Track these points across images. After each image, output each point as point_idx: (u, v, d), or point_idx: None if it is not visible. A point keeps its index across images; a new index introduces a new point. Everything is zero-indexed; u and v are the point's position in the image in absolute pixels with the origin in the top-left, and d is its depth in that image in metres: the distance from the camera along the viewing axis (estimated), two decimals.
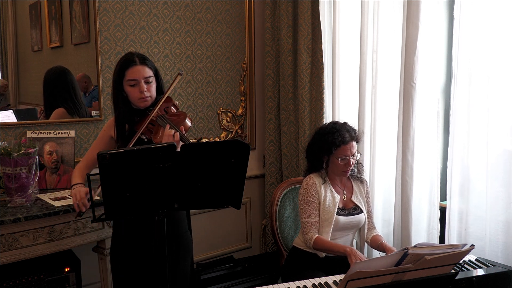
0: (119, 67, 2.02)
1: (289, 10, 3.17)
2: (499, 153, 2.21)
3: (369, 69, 2.74)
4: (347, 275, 1.43)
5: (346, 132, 2.29)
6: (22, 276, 2.28)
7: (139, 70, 1.98)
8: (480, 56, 2.25)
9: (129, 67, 1.98)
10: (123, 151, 1.55)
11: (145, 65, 2.00)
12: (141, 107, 2.04)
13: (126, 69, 1.99)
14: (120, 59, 2.05)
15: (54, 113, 2.71)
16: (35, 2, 2.70)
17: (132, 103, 2.05)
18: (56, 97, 2.73)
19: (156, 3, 2.98)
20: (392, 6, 2.63)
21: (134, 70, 1.98)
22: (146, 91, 2.00)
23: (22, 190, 2.25)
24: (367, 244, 2.41)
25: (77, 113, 2.77)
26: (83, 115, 2.80)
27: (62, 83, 2.73)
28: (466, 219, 2.36)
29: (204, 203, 1.82)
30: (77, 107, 2.77)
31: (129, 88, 2.00)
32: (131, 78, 1.98)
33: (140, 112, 2.06)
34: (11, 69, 2.70)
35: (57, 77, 2.73)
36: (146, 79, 2.00)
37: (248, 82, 3.45)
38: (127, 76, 1.99)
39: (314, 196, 2.31)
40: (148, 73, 2.01)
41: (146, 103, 2.03)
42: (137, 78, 1.98)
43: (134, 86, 1.99)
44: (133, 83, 1.99)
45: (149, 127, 2.01)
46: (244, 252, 3.51)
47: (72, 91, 2.76)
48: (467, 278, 1.82)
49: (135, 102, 2.03)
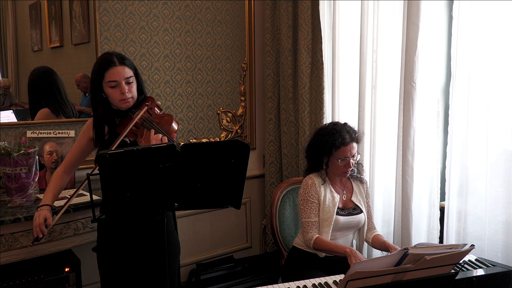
0: (97, 67, 1.94)
1: (289, 10, 3.17)
2: (499, 153, 2.21)
3: (369, 69, 2.74)
4: (347, 275, 1.43)
5: (346, 133, 2.28)
6: (22, 276, 2.28)
7: (119, 71, 1.92)
8: (479, 56, 2.25)
9: (108, 68, 1.92)
10: (123, 151, 1.55)
11: (125, 65, 1.94)
12: (123, 108, 1.99)
13: (106, 70, 1.92)
14: (98, 60, 1.98)
15: (39, 113, 2.68)
16: (35, 2, 2.70)
17: (113, 104, 1.99)
18: (41, 98, 2.69)
19: (156, 3, 2.98)
20: (392, 6, 2.63)
21: (114, 71, 1.92)
22: (128, 92, 1.94)
23: (22, 190, 2.25)
24: (369, 244, 2.41)
25: (62, 113, 2.73)
26: (69, 115, 2.76)
27: (46, 84, 2.69)
28: (465, 219, 2.36)
29: (204, 203, 1.82)
30: (62, 107, 2.73)
31: (109, 89, 1.94)
32: (111, 80, 1.92)
33: (121, 113, 2.01)
34: (11, 69, 2.70)
35: (41, 77, 2.69)
36: (126, 80, 1.94)
37: (248, 82, 3.45)
38: (107, 77, 1.92)
39: (314, 196, 2.31)
40: (129, 74, 1.95)
41: (128, 104, 1.97)
42: (118, 79, 1.92)
43: (114, 88, 1.93)
44: (113, 85, 1.92)
45: (133, 130, 1.96)
46: (244, 252, 3.51)
47: (57, 91, 2.71)
48: (467, 278, 1.82)
49: (116, 103, 1.97)
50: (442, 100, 2.57)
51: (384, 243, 2.29)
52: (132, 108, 2.00)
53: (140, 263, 2.04)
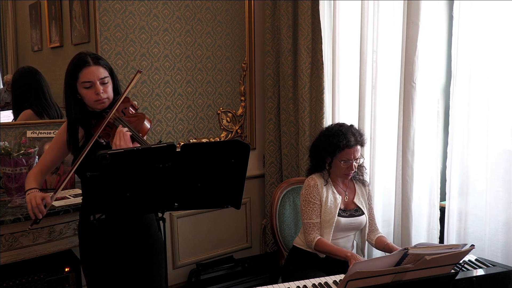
0: (71, 68, 1.89)
1: (289, 10, 3.17)
2: (499, 153, 2.21)
3: (369, 69, 2.74)
4: (347, 275, 1.43)
5: (352, 136, 2.27)
6: (22, 276, 2.28)
7: (93, 71, 1.87)
8: (480, 56, 2.25)
9: (82, 68, 1.86)
10: (123, 151, 1.55)
11: (100, 65, 1.89)
12: (98, 109, 1.93)
13: (79, 71, 1.86)
14: (72, 60, 1.92)
15: (22, 114, 2.64)
16: (35, 2, 2.71)
17: (88, 105, 1.93)
18: (23, 99, 2.65)
19: (156, 3, 2.98)
20: (392, 6, 2.63)
21: (88, 71, 1.86)
22: (103, 92, 1.89)
23: (22, 190, 2.25)
24: (372, 246, 2.40)
25: (46, 114, 2.68)
26: (53, 117, 2.70)
27: (29, 84, 2.65)
28: (466, 219, 2.36)
29: (204, 203, 1.82)
30: (46, 108, 2.68)
31: (84, 90, 1.88)
32: (85, 80, 1.86)
33: (96, 114, 1.95)
34: (11, 69, 2.70)
35: (24, 77, 2.66)
36: (101, 80, 1.89)
37: (248, 82, 3.45)
38: (81, 78, 1.86)
39: (316, 197, 2.31)
40: (103, 74, 1.90)
41: (103, 105, 1.91)
42: (92, 80, 1.87)
43: (89, 88, 1.87)
44: (88, 85, 1.87)
45: (107, 130, 1.90)
46: (244, 252, 3.51)
47: (40, 92, 2.66)
48: (467, 278, 1.82)
49: (91, 104, 1.91)
50: (442, 100, 2.57)
51: (388, 245, 2.28)
52: (107, 109, 1.94)
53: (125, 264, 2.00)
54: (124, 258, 1.99)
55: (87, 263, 2.02)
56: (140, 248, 2.01)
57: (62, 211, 2.19)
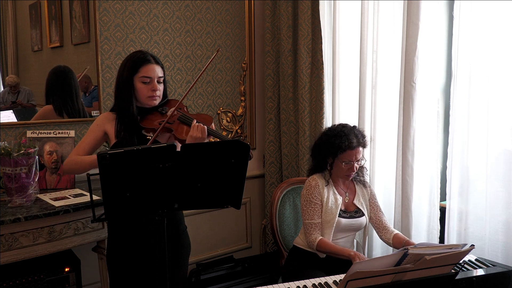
0: (131, 63, 2.00)
1: (289, 10, 3.17)
2: (499, 153, 2.21)
3: (369, 69, 2.74)
4: (347, 275, 1.43)
5: (354, 137, 2.26)
6: (22, 276, 2.28)
7: (154, 69, 2.00)
8: (480, 56, 2.25)
9: (144, 64, 1.98)
10: (123, 151, 1.55)
11: (159, 65, 2.02)
12: (149, 105, 2.03)
13: (141, 66, 1.98)
14: (131, 56, 2.03)
15: (42, 109, 2.71)
16: (35, 2, 2.70)
17: (138, 100, 2.03)
18: (51, 95, 2.72)
19: (156, 3, 2.98)
20: (392, 6, 2.63)
21: (149, 68, 1.99)
22: (158, 90, 2.01)
23: (22, 190, 2.25)
24: (389, 245, 2.32)
25: (65, 112, 2.74)
26: (73, 116, 2.76)
27: (59, 82, 2.73)
28: (466, 219, 2.36)
29: (204, 203, 1.82)
30: (68, 107, 2.76)
31: (140, 84, 1.99)
32: (145, 75, 1.98)
33: (141, 110, 2.04)
34: (11, 69, 2.70)
35: (56, 76, 2.72)
36: (158, 79, 2.01)
37: (248, 82, 3.45)
38: (142, 72, 1.98)
39: (317, 198, 2.30)
40: (160, 74, 2.02)
41: (154, 102, 2.02)
42: (151, 76, 1.99)
43: (146, 84, 1.99)
44: (146, 81, 1.98)
45: (167, 126, 2.00)
46: (244, 252, 3.51)
47: (67, 91, 2.75)
48: (467, 278, 1.83)
49: (143, 99, 2.01)
50: (442, 100, 2.57)
51: (408, 243, 2.20)
52: (158, 107, 2.05)
53: (144, 264, 2.04)
54: (151, 254, 2.01)
55: (113, 256, 2.08)
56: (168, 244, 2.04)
57: (62, 211, 2.19)
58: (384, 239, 2.34)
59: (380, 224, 2.36)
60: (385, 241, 2.34)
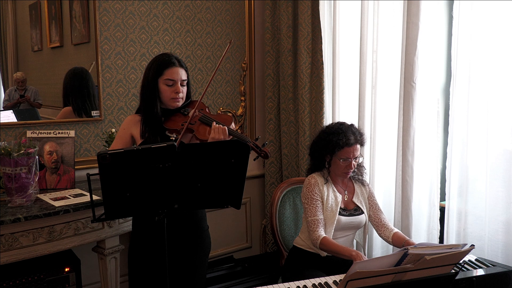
0: (156, 65, 2.04)
1: (289, 10, 3.17)
2: (499, 153, 2.21)
3: (369, 69, 2.74)
4: (347, 275, 1.43)
5: (352, 135, 2.27)
6: (22, 276, 2.28)
7: (178, 72, 2.04)
8: (480, 56, 2.25)
9: (168, 67, 2.02)
10: (123, 151, 1.55)
11: (183, 68, 2.06)
12: (172, 107, 2.07)
13: (166, 68, 2.02)
14: (156, 58, 2.07)
15: (62, 111, 2.79)
16: (35, 2, 2.70)
17: (162, 102, 2.06)
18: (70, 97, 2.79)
19: (156, 3, 2.98)
20: (392, 6, 2.63)
21: (174, 71, 2.03)
22: (181, 92, 2.05)
23: (22, 190, 2.25)
24: (389, 243, 2.32)
25: (84, 113, 2.82)
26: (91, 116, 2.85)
27: (77, 84, 2.81)
28: (466, 219, 2.36)
29: (204, 203, 1.82)
30: (86, 108, 2.83)
31: (164, 86, 2.03)
32: (169, 78, 2.02)
33: (166, 111, 2.08)
34: (11, 69, 2.70)
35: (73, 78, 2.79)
36: (182, 82, 2.05)
37: (248, 82, 3.45)
38: (166, 75, 2.02)
39: (318, 194, 2.31)
40: (184, 76, 2.06)
41: (177, 103, 2.06)
42: (175, 79, 2.03)
43: (170, 86, 2.03)
44: (170, 83, 2.02)
45: (189, 127, 2.02)
46: (244, 252, 3.52)
47: (86, 93, 2.83)
48: (467, 278, 1.83)
49: (166, 101, 2.05)
50: (442, 100, 2.57)
51: (408, 242, 2.19)
52: (181, 109, 2.08)
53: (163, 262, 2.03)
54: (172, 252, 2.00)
55: (134, 252, 2.11)
56: (188, 243, 2.07)
57: (62, 211, 2.19)
58: (384, 237, 2.34)
59: (379, 222, 2.36)
60: (384, 239, 2.34)
